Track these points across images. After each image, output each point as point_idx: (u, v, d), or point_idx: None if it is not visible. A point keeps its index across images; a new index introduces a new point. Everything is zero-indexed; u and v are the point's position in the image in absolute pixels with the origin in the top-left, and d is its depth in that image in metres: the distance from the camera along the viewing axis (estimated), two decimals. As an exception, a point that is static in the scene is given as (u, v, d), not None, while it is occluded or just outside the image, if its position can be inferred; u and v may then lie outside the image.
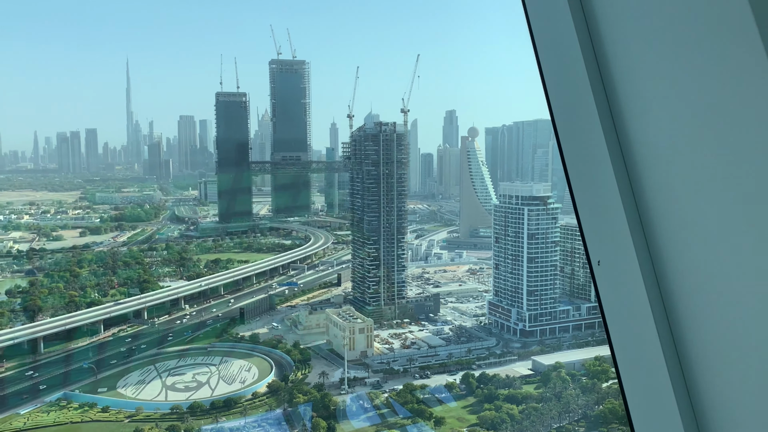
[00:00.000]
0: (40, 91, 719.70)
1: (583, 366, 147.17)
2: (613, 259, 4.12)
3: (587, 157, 4.24)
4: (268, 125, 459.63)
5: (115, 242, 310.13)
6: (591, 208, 4.32)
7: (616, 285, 4.17)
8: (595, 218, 4.28)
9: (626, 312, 4.10)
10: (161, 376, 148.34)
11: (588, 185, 4.32)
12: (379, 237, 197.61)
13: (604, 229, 4.20)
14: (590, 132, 4.12)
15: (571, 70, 4.24)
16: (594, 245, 4.34)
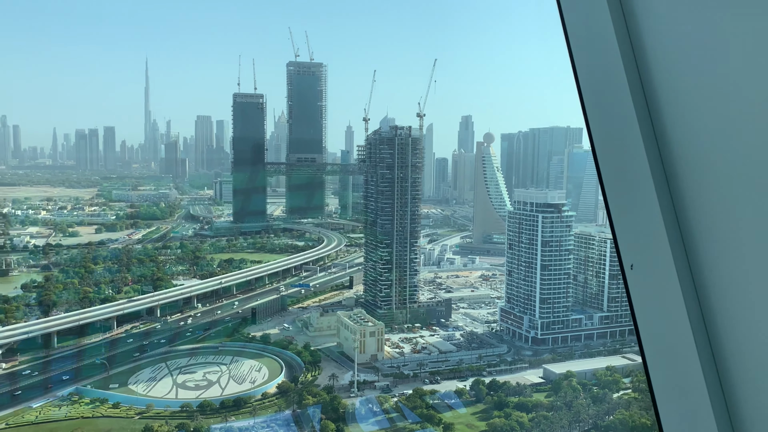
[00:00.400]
0: (61, 89, 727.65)
1: (594, 375, 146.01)
2: (648, 262, 4.04)
3: (622, 157, 4.14)
4: (284, 127, 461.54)
5: (129, 239, 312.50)
6: (625, 210, 4.20)
7: (649, 289, 4.09)
8: (629, 221, 4.19)
9: (660, 316, 4.01)
10: (172, 374, 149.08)
11: (622, 187, 4.20)
12: (391, 240, 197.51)
13: (638, 233, 4.12)
14: (626, 132, 4.04)
15: (608, 69, 4.14)
16: (627, 249, 4.26)
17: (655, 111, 3.93)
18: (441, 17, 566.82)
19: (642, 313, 4.24)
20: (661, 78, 3.88)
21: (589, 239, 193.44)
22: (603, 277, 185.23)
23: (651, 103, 3.95)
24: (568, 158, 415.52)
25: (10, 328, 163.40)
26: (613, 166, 4.27)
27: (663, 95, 3.88)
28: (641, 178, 3.94)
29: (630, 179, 4.08)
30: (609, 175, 4.33)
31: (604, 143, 4.33)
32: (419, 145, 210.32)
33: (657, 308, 4.04)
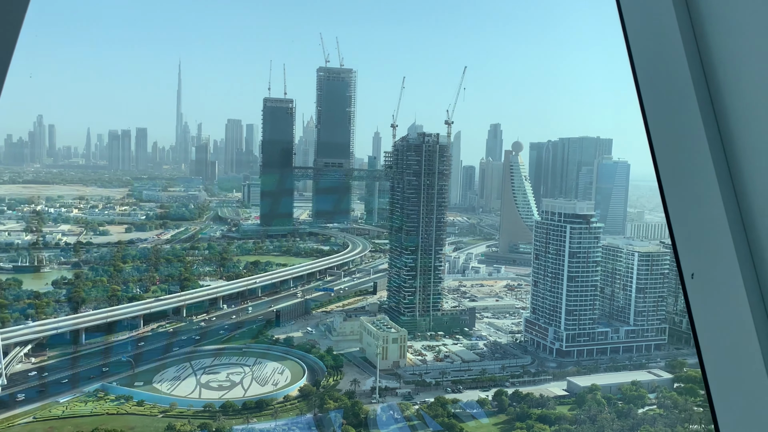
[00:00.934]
0: (96, 90, 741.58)
1: (619, 390, 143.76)
2: (710, 271, 3.90)
3: (685, 162, 4.02)
4: (312, 131, 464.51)
5: (158, 239, 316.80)
6: (686, 217, 4.09)
7: (712, 299, 3.94)
8: (691, 229, 4.07)
9: (723, 328, 3.86)
10: (196, 374, 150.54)
11: (684, 193, 4.08)
12: (416, 247, 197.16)
13: (700, 241, 3.99)
14: (690, 137, 3.91)
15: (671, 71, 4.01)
16: (688, 257, 4.14)
17: (721, 115, 3.79)
18: (472, 25, 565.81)
19: (703, 324, 4.06)
20: (728, 81, 3.74)
21: (616, 251, 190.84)
22: (630, 291, 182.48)
23: (717, 106, 3.83)
24: (598, 169, 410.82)
25: (41, 323, 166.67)
26: (674, 171, 4.14)
27: (729, 99, 3.74)
28: (705, 183, 3.80)
29: (692, 184, 3.96)
30: (669, 181, 4.19)
31: (665, 147, 4.21)
32: (447, 153, 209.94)
33: (720, 319, 3.88)
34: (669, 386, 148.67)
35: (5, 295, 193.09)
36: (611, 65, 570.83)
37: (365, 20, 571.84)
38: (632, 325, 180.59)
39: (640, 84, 4.38)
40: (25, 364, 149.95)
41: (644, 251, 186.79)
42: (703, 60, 3.90)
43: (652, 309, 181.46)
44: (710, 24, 3.84)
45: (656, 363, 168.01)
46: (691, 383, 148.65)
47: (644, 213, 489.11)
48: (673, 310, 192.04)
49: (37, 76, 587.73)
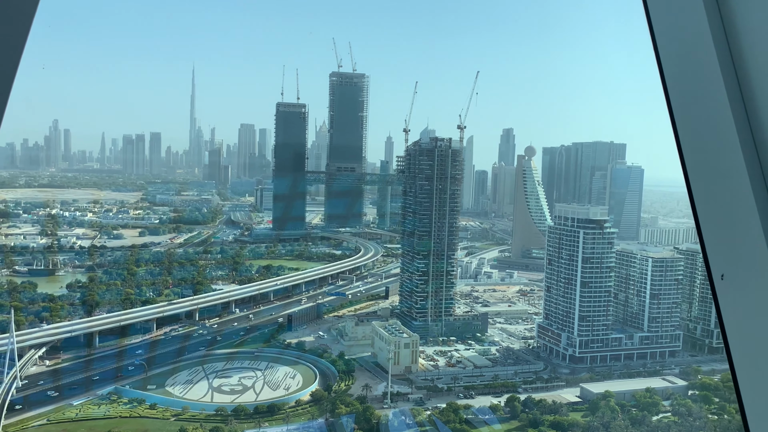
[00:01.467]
0: (111, 95, 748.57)
1: (633, 397, 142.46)
2: (741, 272, 3.85)
3: (715, 162, 3.95)
4: (325, 136, 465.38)
5: (172, 243, 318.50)
6: (715, 217, 4.02)
7: (742, 300, 3.89)
8: (721, 229, 4.00)
9: (753, 329, 3.79)
10: (208, 378, 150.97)
11: (714, 194, 4.01)
12: (429, 252, 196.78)
13: (731, 241, 3.94)
14: (721, 136, 3.84)
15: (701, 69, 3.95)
16: (717, 258, 4.07)
17: (752, 112, 3.70)
18: (484, 29, 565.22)
19: (733, 325, 3.97)
20: (760, 79, 3.65)
21: (630, 257, 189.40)
22: (644, 297, 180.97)
23: (748, 103, 3.74)
24: (611, 174, 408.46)
25: (55, 326, 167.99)
26: (703, 170, 4.04)
27: (761, 96, 3.66)
28: (736, 182, 3.73)
29: (722, 184, 3.89)
30: (698, 180, 4.10)
31: (694, 146, 4.10)
32: (459, 157, 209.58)
33: (751, 320, 3.79)
34: (683, 393, 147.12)
35: (20, 298, 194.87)
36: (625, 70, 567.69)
37: (378, 25, 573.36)
38: (646, 331, 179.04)
39: (668, 83, 4.27)
40: (39, 366, 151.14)
41: (658, 257, 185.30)
42: (735, 60, 3.80)
43: (666, 315, 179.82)
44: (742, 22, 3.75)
45: (670, 370, 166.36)
46: (706, 390, 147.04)
47: (658, 218, 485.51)
48: (687, 317, 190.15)
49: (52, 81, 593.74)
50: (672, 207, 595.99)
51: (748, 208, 3.67)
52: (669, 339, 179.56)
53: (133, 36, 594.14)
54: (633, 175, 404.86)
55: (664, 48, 4.28)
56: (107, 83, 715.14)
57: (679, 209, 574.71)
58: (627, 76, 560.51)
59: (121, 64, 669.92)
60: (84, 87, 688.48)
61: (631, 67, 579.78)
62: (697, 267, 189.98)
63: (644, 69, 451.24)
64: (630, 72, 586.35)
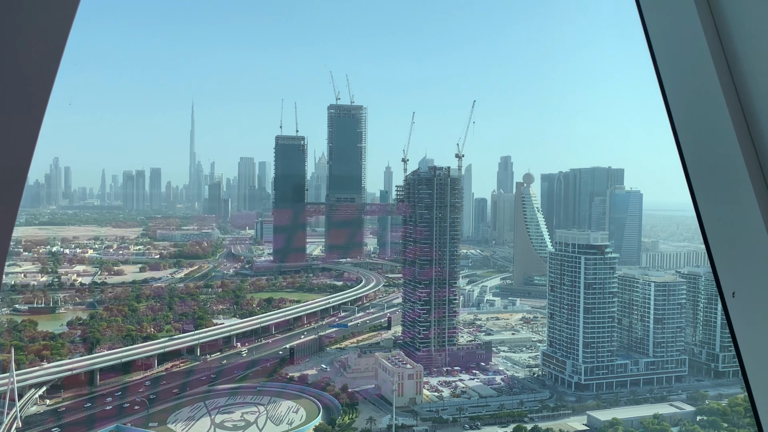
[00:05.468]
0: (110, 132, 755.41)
1: (641, 424, 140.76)
2: (752, 289, 3.79)
3: (721, 179, 3.88)
4: (324, 167, 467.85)
5: (172, 278, 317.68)
6: (725, 235, 3.96)
7: (754, 317, 3.83)
8: (730, 247, 3.95)
9: (767, 345, 3.74)
10: (210, 414, 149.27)
11: (722, 212, 3.96)
12: (430, 281, 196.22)
13: (740, 259, 3.88)
14: (725, 153, 3.74)
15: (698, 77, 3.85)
16: (727, 275, 4.03)
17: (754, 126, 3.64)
18: (479, 59, 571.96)
19: (746, 342, 3.93)
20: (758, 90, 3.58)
21: (632, 282, 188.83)
22: (648, 321, 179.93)
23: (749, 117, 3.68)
24: (610, 199, 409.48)
25: (56, 364, 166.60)
26: (710, 188, 4.00)
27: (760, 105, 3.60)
28: (743, 199, 3.68)
29: (729, 201, 3.85)
30: (705, 198, 4.06)
31: (699, 164, 4.05)
32: (458, 185, 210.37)
33: (764, 337, 3.75)
34: (692, 419, 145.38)
35: (21, 337, 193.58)
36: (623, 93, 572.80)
37: (374, 57, 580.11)
38: (651, 356, 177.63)
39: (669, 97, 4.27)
40: (39, 406, 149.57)
41: (660, 281, 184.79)
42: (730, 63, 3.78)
43: (671, 340, 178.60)
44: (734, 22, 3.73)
45: (678, 395, 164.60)
46: (714, 416, 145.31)
47: (659, 242, 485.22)
48: (692, 341, 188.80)
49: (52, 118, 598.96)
50: (672, 231, 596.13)
51: (756, 226, 3.61)
52: (675, 364, 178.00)
53: (132, 72, 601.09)
54: (632, 199, 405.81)
55: (660, 52, 4.29)
56: (107, 120, 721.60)
57: (680, 233, 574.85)
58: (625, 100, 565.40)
59: (120, 101, 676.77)
60: (84, 124, 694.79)
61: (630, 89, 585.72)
62: (699, 290, 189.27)
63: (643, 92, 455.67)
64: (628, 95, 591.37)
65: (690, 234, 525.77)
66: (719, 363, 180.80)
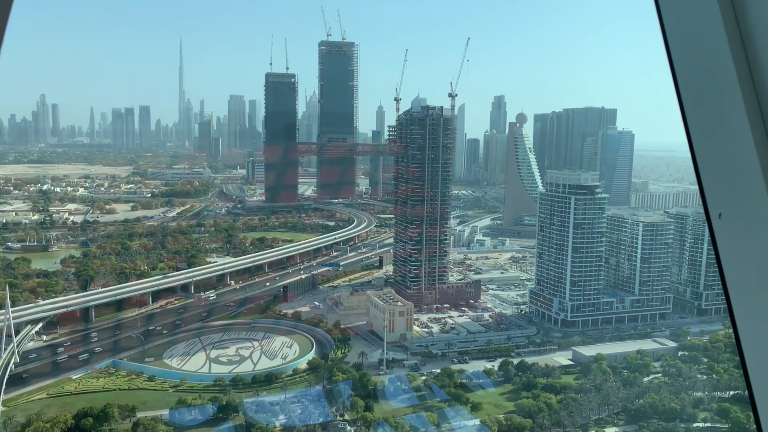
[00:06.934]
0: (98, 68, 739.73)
1: (624, 359, 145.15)
2: (739, 210, 3.78)
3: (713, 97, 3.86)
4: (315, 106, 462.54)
5: (164, 217, 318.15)
6: (714, 156, 3.94)
7: (740, 238, 3.82)
8: (719, 167, 3.93)
9: (751, 267, 3.70)
10: (206, 349, 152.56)
11: (712, 132, 3.94)
12: (422, 221, 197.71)
13: (728, 180, 3.86)
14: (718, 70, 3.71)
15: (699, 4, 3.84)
16: (714, 196, 4.01)
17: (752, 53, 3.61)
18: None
19: (731, 264, 3.96)
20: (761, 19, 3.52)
21: (621, 222, 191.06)
22: (635, 260, 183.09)
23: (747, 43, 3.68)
24: (602, 139, 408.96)
25: (51, 301, 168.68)
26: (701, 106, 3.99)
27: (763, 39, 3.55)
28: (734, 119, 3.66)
29: (720, 121, 3.86)
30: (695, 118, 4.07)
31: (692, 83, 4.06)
32: (451, 126, 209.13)
33: (749, 259, 3.76)
34: (674, 354, 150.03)
35: (14, 274, 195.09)
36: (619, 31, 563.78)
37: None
38: (637, 294, 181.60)
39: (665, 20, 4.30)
40: (36, 342, 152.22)
41: (649, 221, 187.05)
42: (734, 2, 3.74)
43: (657, 278, 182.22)
44: None
45: (661, 332, 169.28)
46: (696, 351, 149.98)
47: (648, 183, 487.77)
48: (677, 280, 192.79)
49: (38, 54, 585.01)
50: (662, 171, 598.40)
51: (746, 147, 3.56)
52: (659, 302, 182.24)
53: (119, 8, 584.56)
54: (624, 140, 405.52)
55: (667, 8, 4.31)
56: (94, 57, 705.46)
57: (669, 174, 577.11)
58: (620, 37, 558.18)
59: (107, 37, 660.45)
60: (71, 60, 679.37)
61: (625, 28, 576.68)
62: (687, 231, 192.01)
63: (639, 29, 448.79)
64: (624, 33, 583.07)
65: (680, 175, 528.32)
66: (703, 301, 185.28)
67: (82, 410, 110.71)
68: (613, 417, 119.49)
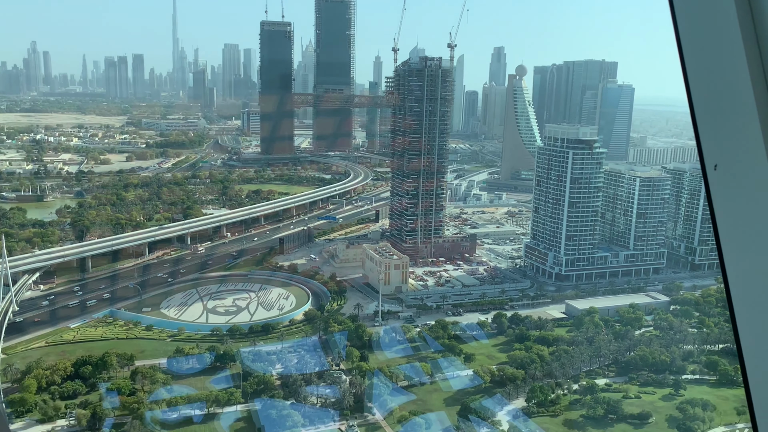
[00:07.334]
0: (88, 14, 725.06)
1: (617, 312, 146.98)
2: (735, 163, 3.71)
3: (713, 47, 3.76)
4: (311, 56, 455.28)
5: (160, 168, 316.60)
6: (712, 106, 3.85)
7: (735, 191, 3.74)
8: (717, 118, 3.84)
9: (746, 220, 3.64)
10: (203, 300, 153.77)
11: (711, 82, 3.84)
12: (418, 175, 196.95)
13: (726, 129, 3.77)
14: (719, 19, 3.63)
15: None
16: (711, 147, 3.93)
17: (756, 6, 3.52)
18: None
19: (724, 217, 3.89)
20: None
21: (618, 177, 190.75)
22: (631, 216, 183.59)
23: None
24: (602, 93, 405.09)
25: (47, 251, 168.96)
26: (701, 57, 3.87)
27: None
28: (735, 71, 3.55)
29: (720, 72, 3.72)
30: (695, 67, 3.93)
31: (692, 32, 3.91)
32: (449, 78, 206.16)
33: (743, 212, 3.68)
34: (666, 308, 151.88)
35: (10, 224, 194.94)
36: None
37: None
38: (632, 249, 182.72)
39: None
40: (34, 291, 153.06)
41: (646, 176, 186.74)
42: None
43: (652, 234, 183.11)
44: None
45: (654, 286, 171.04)
46: (687, 305, 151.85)
47: (647, 138, 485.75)
48: (672, 235, 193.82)
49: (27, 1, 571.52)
50: (661, 126, 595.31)
51: (745, 97, 3.53)
52: (653, 257, 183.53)
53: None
54: (624, 93, 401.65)
55: None
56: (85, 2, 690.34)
57: (668, 129, 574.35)
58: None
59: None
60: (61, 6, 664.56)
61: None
62: (683, 186, 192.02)
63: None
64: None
65: (678, 130, 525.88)
66: (696, 256, 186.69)
67: (81, 358, 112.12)
68: (603, 369, 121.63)
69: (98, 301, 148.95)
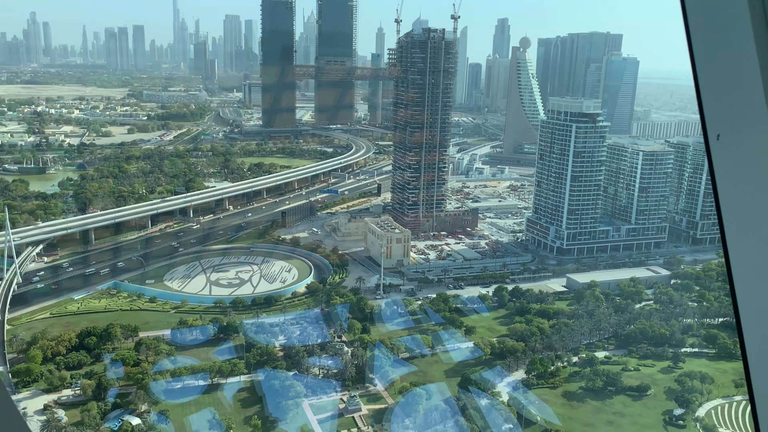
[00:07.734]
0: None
1: (618, 286, 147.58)
2: (738, 133, 3.67)
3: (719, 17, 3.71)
4: (313, 27, 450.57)
5: (161, 140, 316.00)
6: (716, 76, 3.81)
7: (738, 161, 3.70)
8: (721, 88, 3.79)
9: (747, 191, 3.61)
10: (206, 272, 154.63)
11: (716, 52, 3.79)
12: (420, 148, 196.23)
13: (729, 99, 3.73)
14: None
15: None
16: (714, 117, 3.89)
17: None
18: None
19: (726, 187, 3.85)
20: None
21: (621, 150, 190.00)
22: (633, 190, 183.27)
23: None
24: (606, 66, 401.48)
25: (50, 223, 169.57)
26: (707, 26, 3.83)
27: None
28: (739, 38, 3.51)
29: (725, 41, 3.68)
30: (700, 37, 3.90)
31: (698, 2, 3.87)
32: (452, 50, 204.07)
33: (745, 182, 3.65)
34: (666, 282, 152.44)
35: (13, 196, 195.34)
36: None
37: None
38: (633, 223, 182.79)
39: None
40: (38, 263, 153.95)
41: (649, 150, 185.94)
42: None
43: (654, 208, 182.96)
44: None
45: (655, 260, 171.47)
46: (688, 279, 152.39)
47: (651, 112, 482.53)
48: (674, 209, 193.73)
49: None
50: (666, 100, 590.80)
51: (749, 66, 3.47)
52: (655, 231, 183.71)
53: None
54: (628, 66, 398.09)
55: None
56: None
57: (673, 102, 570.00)
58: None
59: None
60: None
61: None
62: (686, 160, 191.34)
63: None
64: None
65: (683, 104, 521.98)
66: (698, 231, 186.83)
67: (86, 329, 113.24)
68: (603, 342, 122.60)
69: (102, 273, 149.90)
